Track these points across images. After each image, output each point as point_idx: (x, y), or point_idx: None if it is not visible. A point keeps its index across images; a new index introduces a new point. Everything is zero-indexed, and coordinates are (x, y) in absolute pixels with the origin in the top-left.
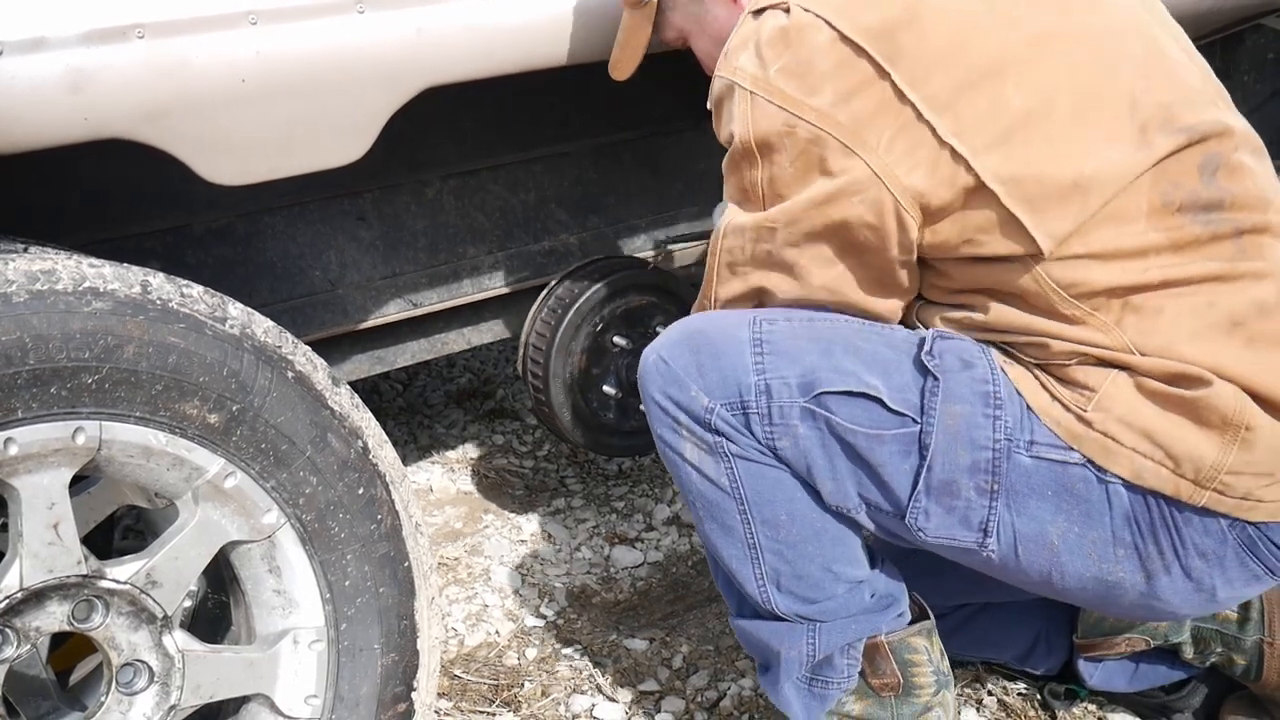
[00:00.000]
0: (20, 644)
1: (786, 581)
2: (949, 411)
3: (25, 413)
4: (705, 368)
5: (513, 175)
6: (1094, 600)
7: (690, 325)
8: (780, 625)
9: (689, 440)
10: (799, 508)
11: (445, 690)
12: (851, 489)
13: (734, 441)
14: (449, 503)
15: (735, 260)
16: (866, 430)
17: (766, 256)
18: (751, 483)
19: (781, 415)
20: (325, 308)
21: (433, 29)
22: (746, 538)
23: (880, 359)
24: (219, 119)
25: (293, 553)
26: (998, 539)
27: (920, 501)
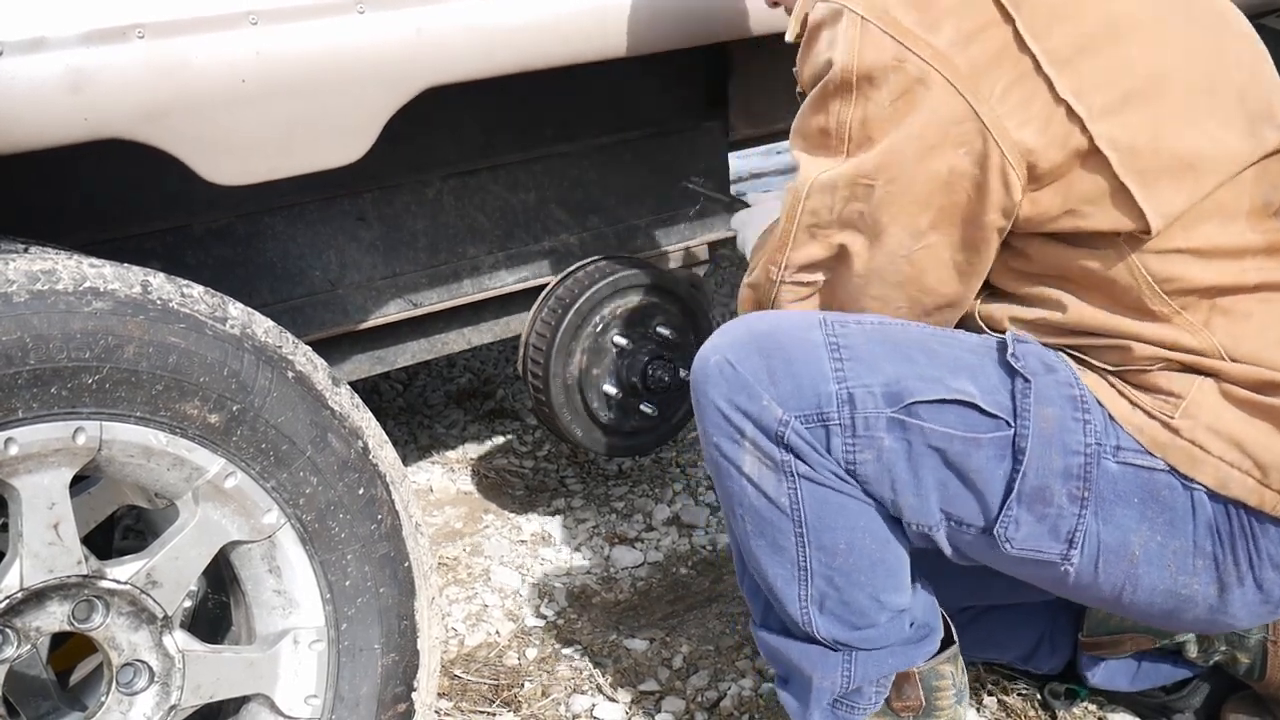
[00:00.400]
0: (20, 644)
1: (831, 605)
2: (1042, 414)
3: (26, 413)
4: (778, 374)
5: (513, 175)
6: (1158, 615)
7: (756, 326)
8: (813, 650)
9: (751, 454)
10: (859, 537)
11: (445, 690)
12: (935, 504)
13: (805, 461)
14: (449, 503)
15: (819, 222)
16: (963, 434)
17: (857, 217)
18: (815, 507)
19: (867, 426)
20: (325, 308)
21: (433, 29)
22: (798, 559)
23: (962, 362)
24: (219, 119)
25: (293, 553)
26: (1081, 550)
27: (1012, 510)
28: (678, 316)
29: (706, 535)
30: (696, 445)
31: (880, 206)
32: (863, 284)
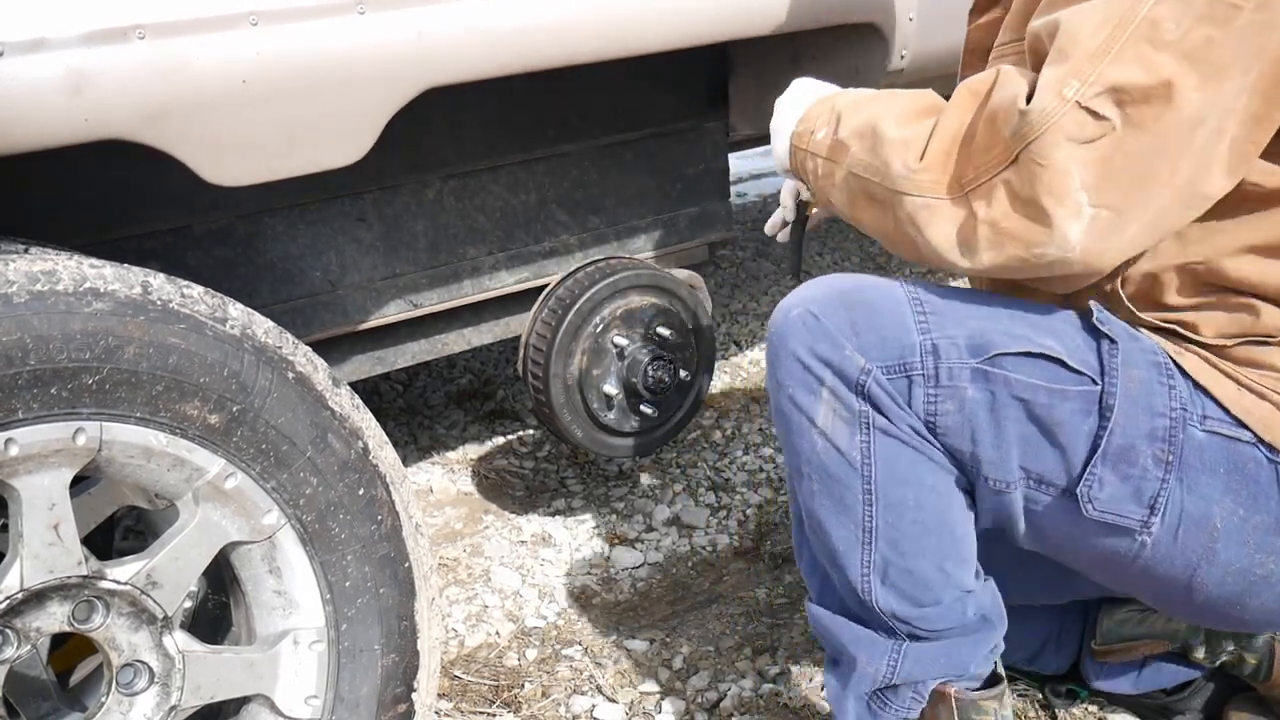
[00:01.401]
0: (20, 644)
1: (895, 574)
2: (1130, 375)
3: (26, 413)
4: (860, 326)
5: (513, 176)
6: (1223, 601)
7: (837, 283)
8: (864, 634)
9: (827, 404)
10: (928, 496)
11: (445, 691)
12: (1015, 459)
13: (884, 413)
14: (449, 503)
15: (1158, 38)
16: (1049, 385)
17: (1202, 46)
18: (888, 461)
19: (950, 376)
20: (325, 308)
21: (433, 29)
22: (864, 519)
23: (1046, 324)
24: (219, 120)
25: (293, 553)
26: (1162, 519)
27: (1096, 469)
28: (678, 317)
29: (706, 536)
30: (696, 446)
31: (1238, 39)
32: (1160, 149)
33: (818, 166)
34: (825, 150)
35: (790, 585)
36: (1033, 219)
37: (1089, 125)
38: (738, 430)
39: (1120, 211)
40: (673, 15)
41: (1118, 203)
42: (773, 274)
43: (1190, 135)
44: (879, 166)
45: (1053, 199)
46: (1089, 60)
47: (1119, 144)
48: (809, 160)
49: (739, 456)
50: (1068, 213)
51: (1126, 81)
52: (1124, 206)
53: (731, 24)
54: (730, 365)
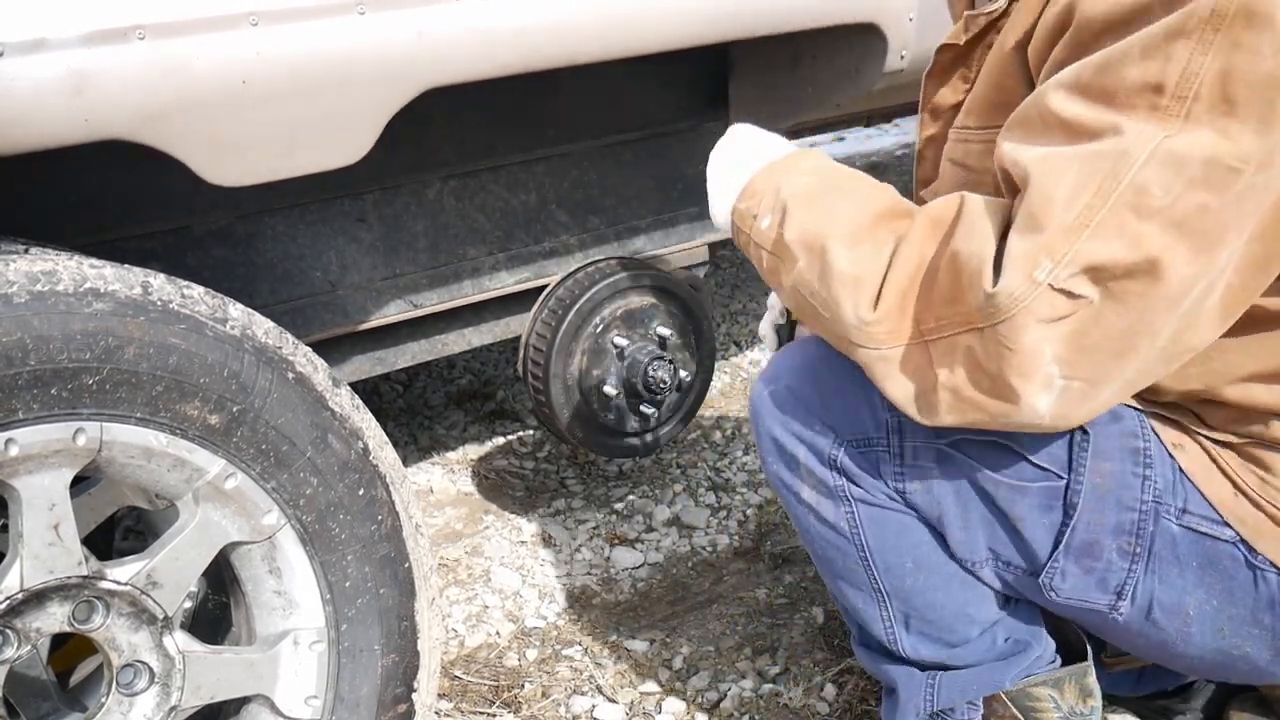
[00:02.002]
0: (21, 645)
1: (916, 624)
2: (1098, 469)
3: (26, 413)
4: (830, 399)
5: (513, 176)
6: (1205, 669)
7: (810, 350)
8: (900, 670)
9: (807, 481)
10: (925, 554)
11: (445, 691)
12: (982, 541)
13: (858, 484)
14: (449, 504)
15: (1145, 204)
16: (1009, 481)
17: (1197, 213)
18: (874, 529)
19: (915, 456)
20: (325, 309)
21: (433, 30)
22: (871, 583)
23: None
24: (219, 120)
25: (293, 554)
26: (1131, 602)
27: (1059, 562)
28: (678, 317)
29: (707, 536)
30: (697, 446)
31: (1238, 205)
32: (1146, 325)
33: (762, 258)
34: (770, 244)
35: (790, 585)
36: (998, 395)
37: (1062, 306)
38: (738, 430)
39: (1094, 383)
40: (673, 15)
41: (1092, 375)
42: None
43: (1177, 306)
44: (829, 301)
45: (1021, 378)
46: (1064, 236)
47: (1096, 318)
48: (752, 247)
49: (739, 456)
50: (1036, 388)
51: (1107, 260)
52: (1099, 378)
53: (731, 24)
54: (730, 365)
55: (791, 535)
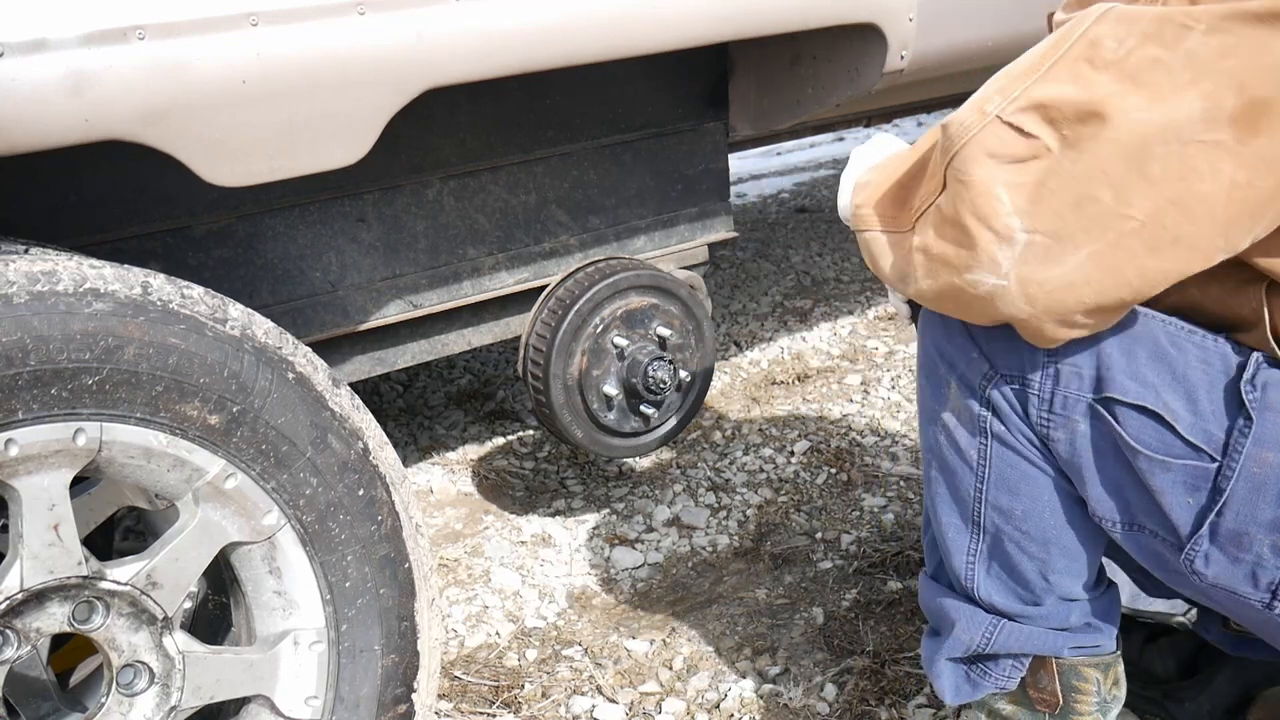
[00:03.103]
0: (21, 645)
1: (998, 569)
2: (1259, 457)
3: (26, 414)
4: (994, 331)
5: (513, 176)
6: None
7: None
8: (964, 606)
9: (952, 401)
10: (1039, 509)
11: (445, 691)
12: (1117, 504)
13: (1002, 421)
14: (449, 504)
15: (1097, 57)
16: (1150, 453)
17: (1149, 65)
18: (1000, 468)
19: (1064, 406)
20: (325, 309)
21: (433, 30)
22: (974, 514)
23: (1189, 376)
24: (219, 120)
25: (293, 554)
26: None
27: (1201, 545)
28: (678, 317)
29: (706, 536)
30: (696, 446)
31: (1187, 60)
32: (1100, 173)
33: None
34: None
35: (790, 585)
36: (958, 242)
37: (1013, 142)
38: (738, 430)
39: (1057, 237)
40: (673, 16)
41: (1051, 228)
42: (773, 274)
43: (1137, 160)
44: (846, 212)
45: (976, 219)
46: (1015, 78)
47: (1054, 166)
48: (866, 234)
49: (739, 456)
50: (994, 236)
51: (1056, 97)
52: (1060, 232)
53: (731, 24)
54: (730, 365)
55: (791, 535)
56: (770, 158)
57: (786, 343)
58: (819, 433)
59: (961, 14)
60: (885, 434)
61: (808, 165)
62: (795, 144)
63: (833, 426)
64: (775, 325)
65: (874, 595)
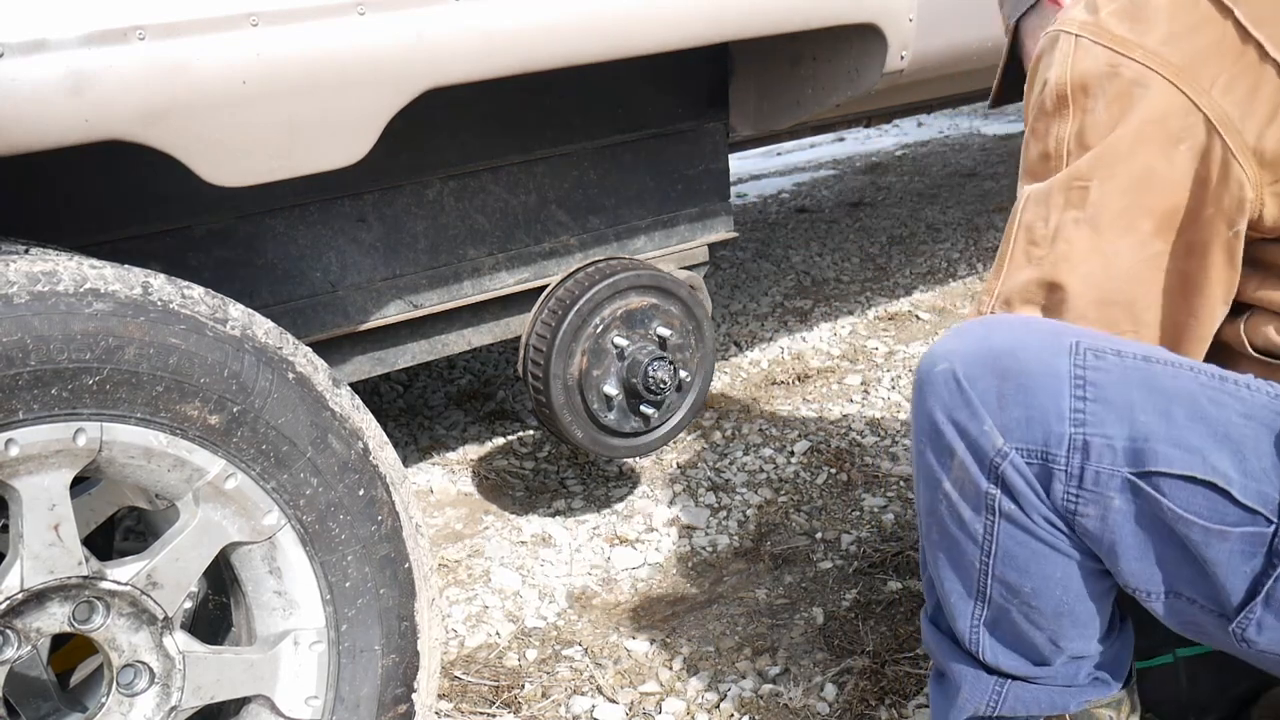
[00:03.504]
0: (21, 645)
1: (1004, 635)
2: None
3: (26, 414)
4: (1008, 400)
5: (513, 176)
6: None
7: (996, 338)
8: (968, 668)
9: (957, 473)
10: (1050, 587)
11: (445, 691)
12: (1160, 577)
13: (1016, 500)
14: (449, 504)
15: (1035, 237)
16: (1205, 523)
17: (1073, 226)
18: (1010, 547)
19: (1096, 482)
20: (326, 309)
21: (434, 30)
22: (978, 584)
23: (1233, 433)
24: (220, 121)
25: (293, 554)
26: None
27: (1255, 613)
28: (678, 317)
29: (707, 536)
30: (697, 446)
31: (1099, 208)
32: (1084, 319)
33: None
34: None
35: (790, 585)
36: None
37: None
38: (738, 430)
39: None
40: (673, 16)
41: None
42: (773, 274)
43: (1102, 301)
44: None
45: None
46: (993, 278)
47: None
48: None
49: (739, 457)
50: None
51: (1024, 284)
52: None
53: (731, 24)
54: (730, 365)
55: (791, 535)
56: (770, 158)
57: (786, 343)
58: (819, 433)
59: (961, 14)
60: (885, 434)
61: (808, 165)
62: (795, 144)
63: (833, 426)
64: (775, 325)
65: (874, 595)
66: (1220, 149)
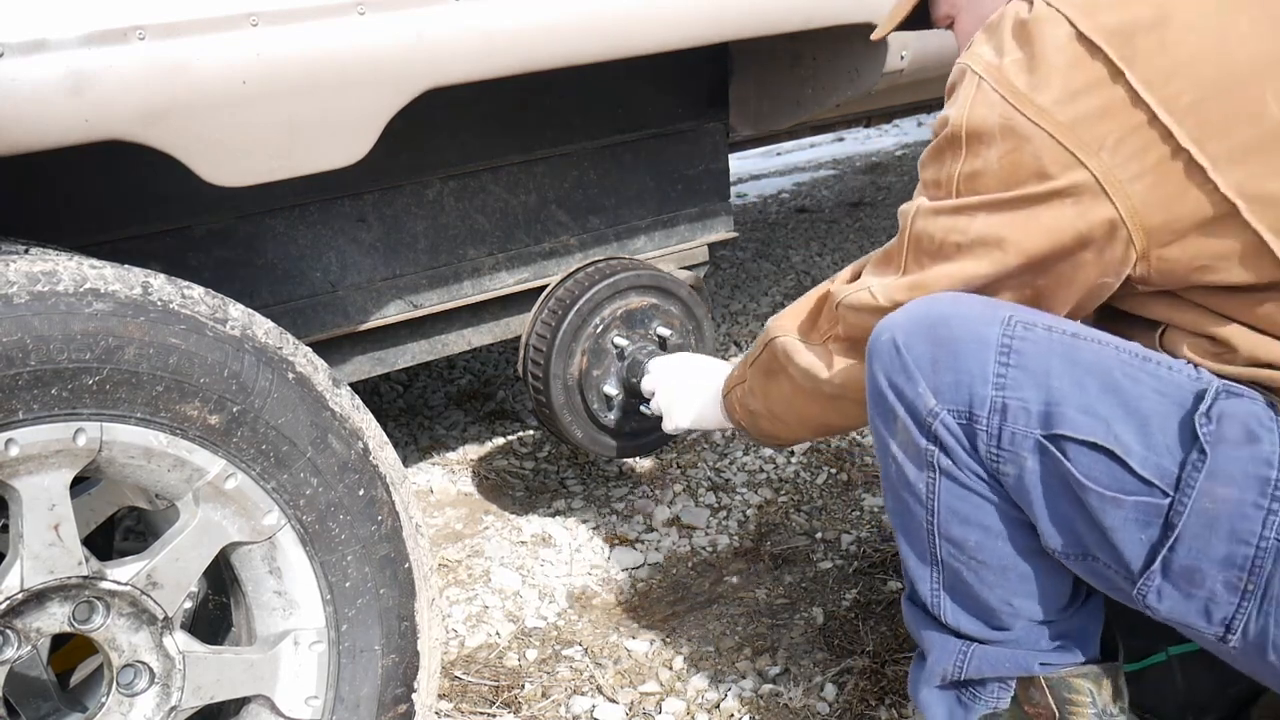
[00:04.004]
0: (21, 645)
1: (963, 599)
2: (1211, 492)
3: (26, 414)
4: (940, 364)
5: (513, 176)
6: None
7: (935, 309)
8: (935, 634)
9: (900, 435)
10: (990, 539)
11: (445, 691)
12: (1070, 538)
13: (949, 455)
14: (449, 504)
15: (922, 249)
16: (1102, 490)
17: (955, 249)
18: (949, 501)
19: (1012, 442)
20: (326, 309)
21: (433, 30)
22: (930, 545)
23: (1143, 408)
24: (220, 120)
25: (293, 554)
26: (1243, 636)
27: (1153, 580)
28: (678, 317)
29: (707, 536)
30: (697, 446)
31: (978, 237)
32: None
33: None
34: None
35: (790, 585)
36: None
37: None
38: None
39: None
40: (673, 16)
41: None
42: (773, 274)
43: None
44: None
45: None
46: (883, 280)
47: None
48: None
49: (739, 456)
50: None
51: (904, 289)
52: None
53: (732, 24)
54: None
55: (791, 535)
56: (770, 158)
57: None
58: None
59: None
60: None
61: (808, 165)
62: (795, 144)
63: None
64: None
65: (874, 595)
66: (1108, 210)
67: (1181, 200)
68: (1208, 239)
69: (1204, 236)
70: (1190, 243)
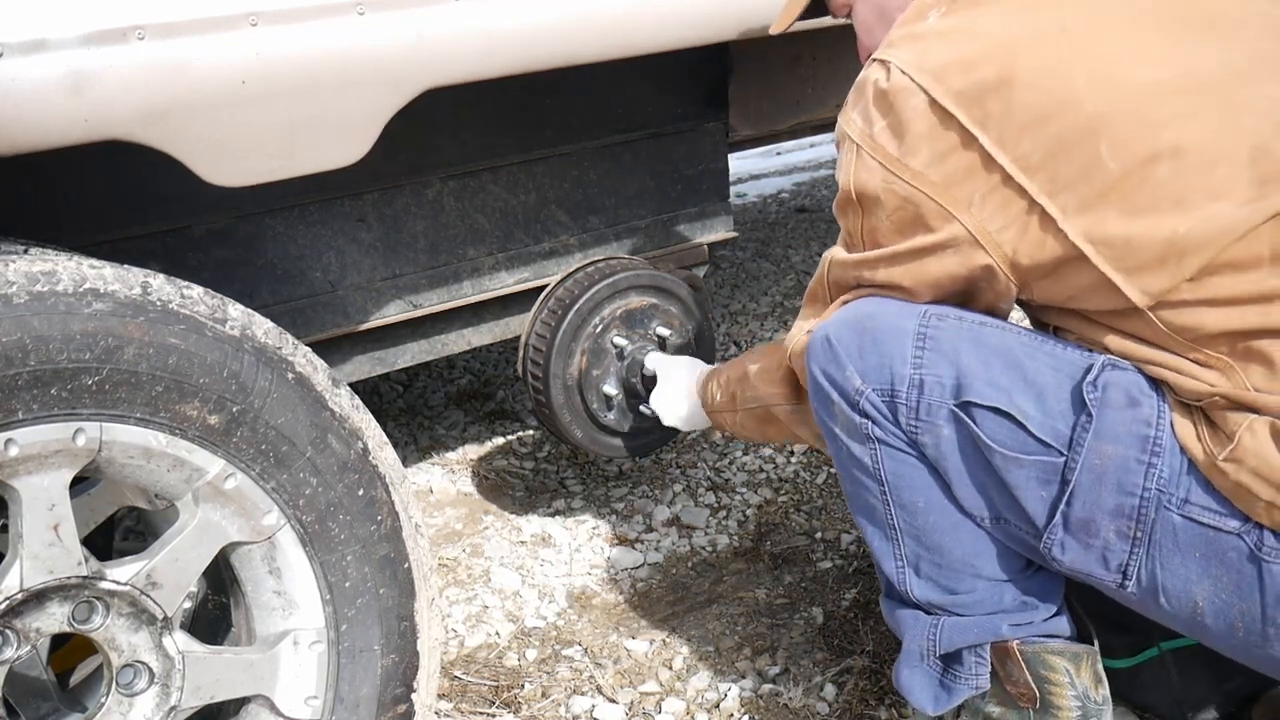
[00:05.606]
0: (20, 645)
1: (926, 568)
2: (1099, 450)
3: (26, 414)
4: (865, 350)
5: (513, 176)
6: (1238, 649)
7: (861, 308)
8: (908, 614)
9: (840, 418)
10: (936, 497)
11: (445, 691)
12: (984, 501)
13: (879, 426)
14: (449, 504)
15: (845, 290)
16: (1005, 451)
17: (869, 290)
18: (893, 466)
19: (929, 412)
20: (325, 309)
21: (433, 30)
22: (887, 519)
23: (1039, 381)
24: (219, 120)
25: (293, 554)
26: (1137, 582)
27: (1056, 533)
28: (678, 317)
29: (706, 536)
30: (697, 446)
31: (885, 285)
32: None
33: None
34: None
35: (790, 585)
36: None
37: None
38: None
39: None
40: (672, 16)
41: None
42: (773, 274)
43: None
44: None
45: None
46: (808, 319)
47: None
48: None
49: (739, 456)
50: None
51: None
52: None
53: (731, 24)
54: None
55: (791, 535)
56: (770, 158)
57: None
58: None
59: None
60: None
61: (808, 165)
62: (795, 144)
63: None
64: (775, 325)
65: (874, 595)
66: (984, 259)
67: (1041, 247)
68: (1069, 277)
69: (1066, 274)
70: (1057, 279)
